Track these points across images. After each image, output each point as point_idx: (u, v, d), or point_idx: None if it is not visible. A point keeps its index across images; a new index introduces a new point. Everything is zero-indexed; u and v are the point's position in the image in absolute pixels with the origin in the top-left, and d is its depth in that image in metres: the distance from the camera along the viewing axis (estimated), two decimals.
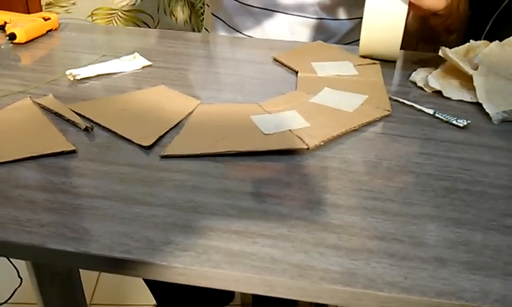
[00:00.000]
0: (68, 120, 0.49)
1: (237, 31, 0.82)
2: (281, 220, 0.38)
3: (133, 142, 0.46)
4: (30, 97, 0.53)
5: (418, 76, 0.61)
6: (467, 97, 0.57)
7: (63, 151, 0.44)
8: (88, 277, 1.22)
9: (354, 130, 0.50)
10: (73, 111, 0.50)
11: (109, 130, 0.48)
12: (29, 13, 0.74)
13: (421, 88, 0.59)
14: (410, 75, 0.62)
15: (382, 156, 0.46)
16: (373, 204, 0.40)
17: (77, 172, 0.43)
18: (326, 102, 0.54)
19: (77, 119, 0.49)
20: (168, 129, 0.48)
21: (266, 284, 0.33)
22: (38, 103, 0.52)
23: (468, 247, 0.36)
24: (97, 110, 0.51)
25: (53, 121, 0.49)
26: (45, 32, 0.71)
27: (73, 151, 0.45)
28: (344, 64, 0.64)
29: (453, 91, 0.58)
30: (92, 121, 0.49)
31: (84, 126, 0.48)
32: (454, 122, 0.51)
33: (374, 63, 0.65)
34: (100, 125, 0.49)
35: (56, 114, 0.50)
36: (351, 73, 0.61)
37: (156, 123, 0.49)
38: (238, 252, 0.35)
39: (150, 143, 0.46)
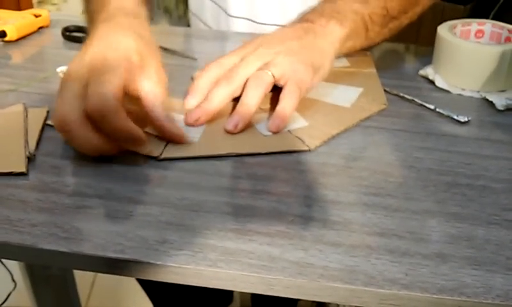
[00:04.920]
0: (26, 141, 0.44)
1: (224, 11, 0.79)
2: (279, 218, 0.37)
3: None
4: (24, 104, 0.50)
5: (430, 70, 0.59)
6: (469, 93, 0.56)
7: (11, 172, 0.41)
8: (82, 281, 1.20)
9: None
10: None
11: None
12: (20, 10, 0.73)
13: (425, 81, 0.58)
14: (411, 68, 0.61)
15: (381, 151, 0.45)
16: (373, 200, 0.39)
17: (69, 171, 0.42)
18: (321, 96, 0.53)
19: (33, 143, 0.44)
20: None
21: (264, 283, 0.33)
22: (27, 113, 0.48)
23: (470, 243, 0.35)
24: None
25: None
26: (36, 29, 0.69)
27: (22, 174, 0.41)
28: None
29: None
30: None
31: (28, 154, 0.43)
32: (455, 117, 0.50)
33: (365, 53, 0.64)
34: None
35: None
36: (343, 64, 0.61)
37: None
38: (235, 251, 0.34)
39: (159, 154, 0.43)
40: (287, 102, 0.47)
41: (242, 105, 0.46)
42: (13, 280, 0.93)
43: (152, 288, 1.01)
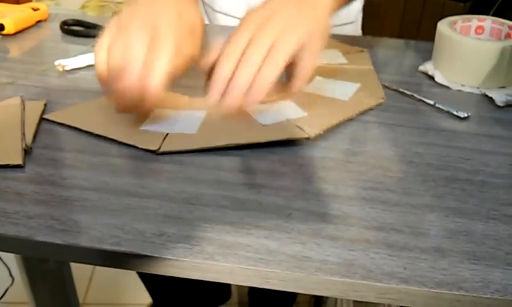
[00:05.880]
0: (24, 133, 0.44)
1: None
2: (277, 211, 0.37)
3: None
4: (21, 96, 0.50)
5: (430, 66, 0.59)
6: (469, 89, 0.56)
7: (8, 164, 0.40)
8: (80, 276, 1.20)
9: (351, 120, 0.49)
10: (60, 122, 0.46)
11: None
12: (18, 3, 0.73)
13: (424, 77, 0.58)
14: (411, 64, 0.61)
15: (381, 146, 0.45)
16: (371, 194, 0.39)
17: (66, 163, 0.42)
18: (320, 90, 0.53)
19: (30, 136, 0.44)
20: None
21: (261, 276, 0.32)
22: (24, 106, 0.48)
23: (469, 237, 0.35)
24: (82, 117, 0.47)
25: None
26: (34, 23, 0.69)
27: (19, 166, 0.40)
28: (332, 53, 0.63)
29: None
30: (82, 130, 0.45)
31: (24, 147, 0.42)
32: (455, 113, 0.50)
33: (362, 51, 0.64)
34: (93, 134, 0.45)
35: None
36: (341, 62, 0.61)
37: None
38: (232, 244, 0.34)
39: (158, 147, 0.43)
40: (306, 63, 0.45)
41: (259, 81, 0.42)
42: (11, 275, 0.93)
43: (152, 283, 1.01)
